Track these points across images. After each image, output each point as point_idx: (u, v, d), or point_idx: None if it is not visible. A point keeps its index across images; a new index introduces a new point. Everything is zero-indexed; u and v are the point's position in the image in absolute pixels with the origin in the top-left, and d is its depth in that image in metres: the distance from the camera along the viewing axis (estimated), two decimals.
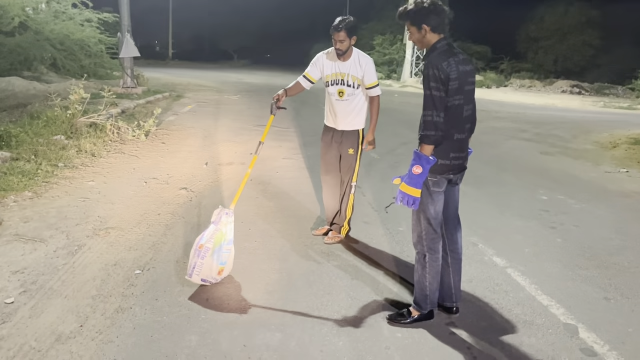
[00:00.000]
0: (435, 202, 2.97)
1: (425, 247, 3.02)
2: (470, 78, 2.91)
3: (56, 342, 2.70)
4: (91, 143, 7.30)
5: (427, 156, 2.79)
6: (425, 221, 2.99)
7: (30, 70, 14.83)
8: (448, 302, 3.20)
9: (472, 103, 2.99)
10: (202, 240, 3.28)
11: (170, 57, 50.52)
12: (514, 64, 38.09)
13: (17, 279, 3.34)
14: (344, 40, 3.93)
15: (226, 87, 20.65)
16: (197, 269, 3.25)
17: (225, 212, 3.42)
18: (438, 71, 2.74)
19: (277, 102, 4.02)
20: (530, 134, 11.81)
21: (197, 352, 2.69)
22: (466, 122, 2.95)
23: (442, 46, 2.87)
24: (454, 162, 2.93)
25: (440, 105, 2.76)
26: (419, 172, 2.79)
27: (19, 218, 4.44)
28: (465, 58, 2.89)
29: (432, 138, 2.78)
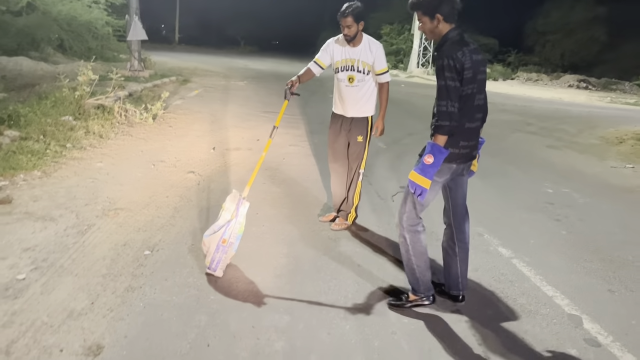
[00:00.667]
0: (428, 190, 2.91)
1: (405, 227, 3.02)
2: (482, 67, 2.90)
3: (68, 318, 2.74)
4: (99, 125, 7.32)
5: (440, 146, 2.79)
6: (411, 204, 2.99)
7: (38, 50, 14.81)
8: (454, 290, 3.23)
9: (484, 92, 3.00)
10: (225, 235, 3.28)
11: (177, 41, 50.36)
12: (521, 57, 37.93)
13: (28, 256, 3.39)
14: (351, 26, 3.93)
15: (233, 73, 20.62)
16: (222, 264, 3.30)
17: (242, 202, 3.41)
18: (453, 61, 2.74)
19: (290, 88, 4.01)
20: (536, 127, 11.80)
21: (207, 331, 2.73)
22: (477, 111, 2.95)
23: (455, 36, 2.86)
24: (462, 150, 2.94)
25: (455, 95, 2.76)
26: (431, 162, 2.79)
27: (28, 197, 4.48)
28: (476, 48, 2.89)
29: (446, 128, 2.77)
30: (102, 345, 2.53)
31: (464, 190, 3.19)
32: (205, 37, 54.74)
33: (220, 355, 2.55)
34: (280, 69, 25.60)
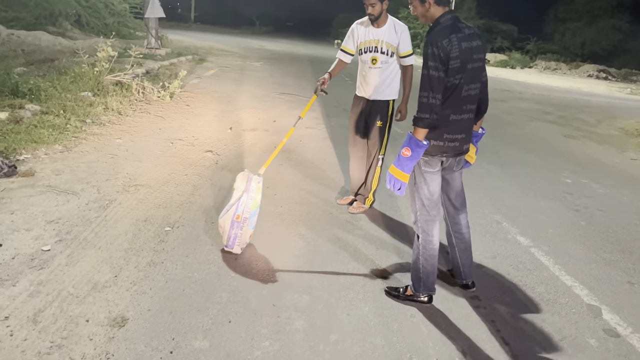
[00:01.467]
0: (428, 183, 2.87)
1: (419, 228, 2.94)
2: (476, 55, 2.72)
3: (93, 289, 2.79)
4: (117, 101, 7.35)
5: (419, 140, 2.68)
6: (419, 201, 2.91)
7: (55, 25, 14.87)
8: (458, 279, 3.23)
9: (478, 82, 2.80)
10: (238, 211, 3.29)
11: (193, 20, 50.19)
12: (540, 45, 37.31)
13: (52, 228, 3.44)
14: (375, 4, 3.87)
15: (248, 54, 20.55)
16: (238, 240, 3.32)
17: (253, 178, 3.42)
18: (438, 49, 2.59)
19: (321, 84, 4.02)
20: (554, 116, 11.66)
21: (228, 308, 2.77)
22: (466, 102, 2.77)
23: (446, 21, 2.71)
24: (448, 143, 2.79)
25: (437, 86, 2.62)
26: (408, 155, 2.69)
27: (50, 170, 4.53)
28: (472, 33, 2.72)
29: (425, 121, 2.65)
30: (126, 317, 2.57)
31: (457, 185, 3.09)
32: (221, 17, 54.48)
33: (242, 331, 2.58)
34: (296, 51, 25.45)
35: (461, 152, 2.90)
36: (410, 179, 2.90)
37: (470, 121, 2.88)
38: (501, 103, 13.16)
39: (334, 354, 2.49)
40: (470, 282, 3.20)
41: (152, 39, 14.69)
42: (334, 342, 2.58)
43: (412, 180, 2.91)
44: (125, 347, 2.36)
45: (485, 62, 2.89)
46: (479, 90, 2.84)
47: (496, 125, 9.70)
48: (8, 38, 10.53)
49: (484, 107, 2.98)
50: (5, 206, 3.69)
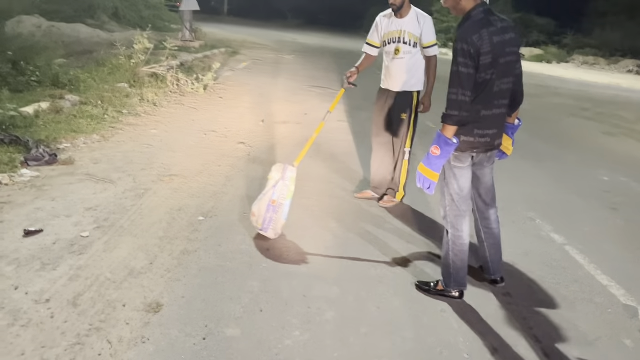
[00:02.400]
0: (457, 178, 2.84)
1: (448, 223, 2.92)
2: (509, 48, 2.66)
3: (129, 275, 2.86)
4: (152, 93, 7.49)
5: (448, 138, 2.63)
6: (449, 196, 2.88)
7: (93, 18, 15.20)
8: (486, 274, 3.19)
9: (511, 76, 2.74)
10: (274, 195, 3.37)
11: (225, 12, 50.56)
12: (578, 39, 36.28)
13: (90, 215, 3.54)
14: None
15: (280, 46, 20.60)
16: (273, 224, 3.37)
17: (289, 167, 3.48)
18: (467, 45, 2.53)
19: (348, 77, 4.03)
20: (592, 112, 11.36)
21: (259, 297, 2.81)
22: (498, 97, 2.72)
23: (477, 14, 2.64)
24: (478, 139, 2.74)
25: (467, 83, 2.56)
26: (437, 153, 2.65)
27: (88, 159, 4.66)
28: (504, 26, 2.65)
29: (454, 118, 2.60)
30: (161, 303, 2.64)
31: (488, 181, 3.04)
32: (253, 9, 54.67)
33: (273, 320, 2.62)
34: (328, 44, 25.39)
35: (492, 147, 2.85)
36: (440, 173, 2.88)
37: (502, 115, 2.83)
38: (536, 98, 12.88)
39: (363, 346, 2.50)
40: (499, 277, 3.16)
41: (186, 31, 14.88)
42: (364, 334, 2.60)
43: (441, 175, 2.88)
44: (160, 332, 2.42)
45: (520, 55, 2.82)
46: (513, 83, 2.78)
47: (531, 121, 9.50)
48: (48, 30, 10.83)
49: (520, 99, 2.92)
50: (46, 193, 3.82)
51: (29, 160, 4.26)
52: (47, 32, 10.44)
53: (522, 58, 2.93)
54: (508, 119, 2.98)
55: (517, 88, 2.85)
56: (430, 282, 3.08)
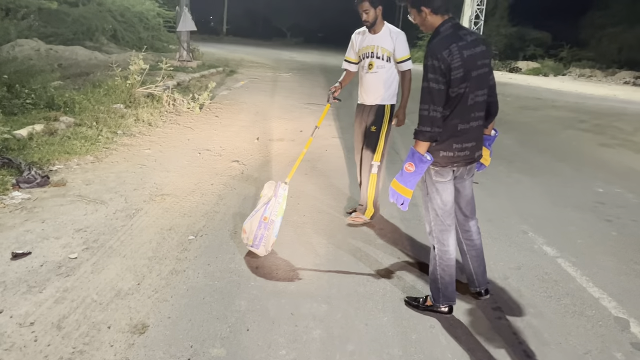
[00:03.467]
0: (440, 193, 2.82)
1: (434, 238, 2.90)
2: (481, 61, 2.66)
3: (116, 297, 2.85)
4: (148, 113, 7.54)
5: (421, 154, 2.63)
6: (433, 212, 2.87)
7: (92, 40, 15.37)
8: (472, 287, 3.16)
9: (485, 87, 2.74)
10: (265, 212, 3.37)
11: (225, 32, 51.11)
12: (574, 52, 36.50)
13: (80, 237, 3.54)
14: (369, 10, 3.89)
15: (278, 65, 20.77)
16: (264, 241, 3.36)
17: (281, 185, 3.49)
18: (438, 61, 2.53)
19: (333, 93, 4.11)
20: (589, 124, 11.38)
21: (246, 316, 2.79)
22: (474, 110, 2.71)
23: (446, 29, 2.65)
24: (458, 153, 2.73)
25: (438, 99, 2.57)
26: (411, 170, 2.64)
27: (81, 180, 4.67)
28: (474, 39, 2.66)
29: (427, 134, 2.60)
30: (147, 324, 2.62)
31: (468, 194, 3.02)
32: (252, 29, 55.30)
33: (259, 340, 2.60)
34: (326, 61, 25.60)
35: (473, 160, 2.85)
36: (423, 189, 2.89)
37: (480, 128, 2.83)
38: (533, 111, 12.93)
39: None
40: (483, 289, 3.13)
41: (184, 51, 15.02)
42: (351, 352, 2.57)
43: (424, 191, 2.89)
44: (144, 353, 2.40)
45: (491, 66, 2.82)
46: (487, 95, 2.79)
47: (528, 133, 9.53)
48: (47, 53, 10.95)
49: (494, 110, 2.92)
50: (37, 215, 3.82)
51: (20, 183, 4.27)
52: (45, 56, 10.55)
53: (519, 72, 2.94)
54: (484, 130, 2.99)
55: (491, 99, 2.86)
56: (420, 297, 3.06)
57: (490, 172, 5.96)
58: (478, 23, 31.01)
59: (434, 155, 2.73)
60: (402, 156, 6.68)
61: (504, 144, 7.89)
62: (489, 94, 2.82)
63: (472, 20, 30.35)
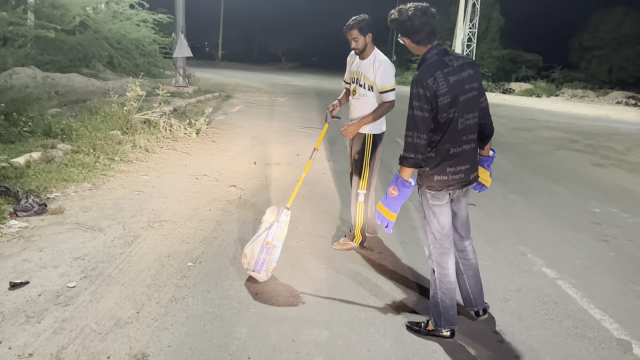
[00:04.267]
0: (437, 216, 2.85)
1: (434, 262, 2.91)
2: (469, 85, 2.70)
3: (115, 326, 2.83)
4: (145, 139, 7.56)
5: (405, 180, 2.67)
6: (431, 235, 2.88)
7: (89, 67, 15.47)
8: (469, 307, 3.16)
9: (476, 111, 2.78)
10: (268, 237, 3.37)
11: (220, 57, 51.59)
12: (565, 73, 37.07)
13: (78, 265, 3.52)
14: (358, 39, 3.89)
15: (274, 89, 20.93)
16: (266, 265, 3.36)
17: (283, 210, 3.50)
18: (423, 89, 2.57)
19: (331, 111, 4.09)
20: (582, 144, 11.49)
21: (247, 344, 2.77)
22: (465, 133, 2.74)
23: (432, 56, 2.70)
24: (452, 177, 2.76)
25: (422, 126, 2.60)
26: (395, 194, 2.68)
27: (79, 207, 4.66)
28: (461, 64, 2.71)
29: (410, 161, 2.64)
30: (147, 353, 2.60)
31: (464, 215, 3.04)
32: (248, 54, 55.95)
33: None
34: (321, 85, 25.83)
35: (468, 182, 2.87)
36: (420, 213, 2.91)
37: (473, 151, 2.86)
38: (527, 132, 13.05)
39: None
40: (481, 309, 3.13)
41: (180, 77, 15.13)
42: None
43: (421, 215, 2.91)
44: None
45: (482, 88, 2.84)
46: (480, 117, 2.83)
47: (521, 154, 9.60)
48: (43, 80, 11.00)
49: (489, 132, 2.96)
50: (34, 244, 3.80)
51: (18, 211, 4.26)
52: (42, 83, 10.61)
53: (512, 93, 2.98)
54: (481, 151, 3.03)
55: (485, 121, 2.90)
56: (421, 322, 3.05)
57: (486, 193, 5.98)
58: (470, 46, 31.50)
59: (429, 180, 2.77)
60: None
61: (498, 165, 7.95)
62: (482, 116, 2.86)
63: (464, 43, 30.83)
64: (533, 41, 38.86)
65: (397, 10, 2.78)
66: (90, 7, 16.61)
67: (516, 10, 38.21)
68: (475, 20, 31.59)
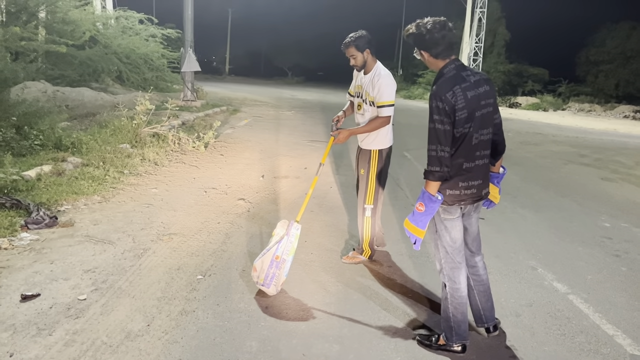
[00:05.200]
0: (449, 230, 2.84)
1: (445, 276, 2.90)
2: (485, 101, 2.71)
3: (126, 339, 2.83)
4: (154, 152, 7.61)
5: (431, 194, 2.67)
6: (442, 250, 2.88)
7: (98, 81, 15.63)
8: (479, 324, 3.13)
9: (490, 126, 2.79)
10: (277, 251, 3.37)
11: (227, 72, 52.00)
12: (572, 88, 37.08)
13: (89, 277, 3.53)
14: (356, 56, 3.90)
15: (281, 103, 21.05)
16: (275, 280, 3.36)
17: (294, 224, 3.50)
18: (442, 103, 2.58)
19: (337, 123, 4.07)
20: (590, 159, 11.44)
21: (258, 358, 2.76)
22: (479, 148, 2.75)
23: (449, 71, 2.71)
24: (464, 191, 2.76)
25: (445, 139, 2.61)
26: (422, 210, 2.68)
27: (89, 220, 4.68)
28: (478, 80, 2.72)
29: (436, 174, 2.64)
30: None
31: (474, 230, 3.03)
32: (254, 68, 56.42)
33: None
34: (327, 99, 25.94)
35: (480, 198, 2.86)
36: (431, 227, 2.89)
37: (486, 166, 2.86)
38: (534, 147, 13.03)
39: None
40: (491, 325, 3.11)
41: (188, 91, 15.25)
42: None
43: (433, 229, 2.90)
44: None
45: (496, 105, 2.86)
46: (493, 134, 2.83)
47: (530, 169, 9.58)
48: (54, 95, 11.11)
49: (501, 148, 2.97)
50: (45, 256, 3.82)
51: (29, 224, 4.29)
52: (52, 97, 10.71)
53: (518, 107, 2.98)
54: (492, 168, 3.02)
55: (498, 138, 2.91)
56: (432, 336, 3.03)
57: (496, 208, 5.93)
58: (477, 60, 31.60)
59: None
60: (406, 192, 6.71)
61: (507, 180, 7.91)
62: (495, 132, 2.87)
63: (470, 57, 30.94)
64: (539, 55, 39.05)
65: (414, 25, 2.80)
66: (100, 22, 16.82)
67: (522, 25, 38.48)
68: (481, 34, 31.76)
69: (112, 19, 17.92)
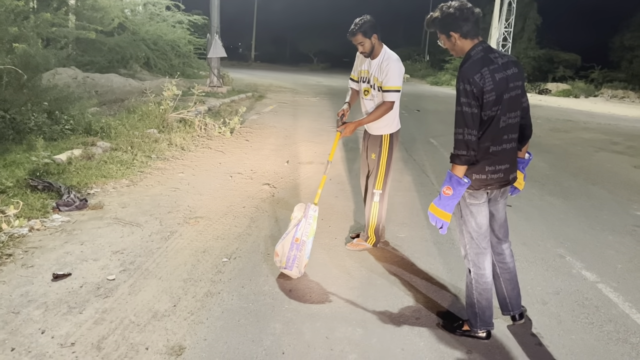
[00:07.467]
0: (475, 215, 2.80)
1: (470, 261, 2.87)
2: (513, 83, 2.66)
3: (153, 318, 2.89)
4: (181, 137, 7.70)
5: (459, 177, 2.62)
6: (467, 235, 2.84)
7: (126, 68, 15.84)
8: (505, 311, 3.08)
9: (518, 109, 2.74)
10: (297, 234, 3.40)
11: (253, 58, 52.07)
12: (605, 74, 35.99)
13: (117, 259, 3.61)
14: (363, 42, 3.81)
15: (306, 90, 21.02)
16: (297, 262, 3.39)
17: (311, 206, 3.52)
18: (470, 85, 2.53)
19: (342, 117, 3.97)
20: (623, 146, 11.14)
21: (282, 339, 2.79)
22: (506, 132, 2.69)
23: (477, 53, 2.65)
24: (491, 175, 2.71)
25: (472, 122, 2.56)
26: (449, 194, 2.63)
27: (117, 203, 4.77)
28: (506, 62, 2.66)
29: (463, 158, 2.60)
30: (183, 346, 2.64)
31: (502, 217, 2.97)
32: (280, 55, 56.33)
33: None
34: None
35: (507, 182, 2.81)
36: (457, 212, 2.86)
37: (514, 150, 2.80)
38: (564, 134, 12.74)
39: None
40: (517, 314, 3.06)
41: (214, 77, 15.34)
42: None
43: (458, 214, 2.87)
44: None
45: (524, 87, 2.80)
46: (520, 117, 2.77)
47: (559, 156, 9.38)
48: (84, 80, 11.32)
49: (529, 132, 2.90)
50: (76, 237, 3.92)
51: (60, 206, 4.40)
52: (82, 83, 10.92)
53: (548, 93, 2.91)
54: (518, 153, 2.95)
55: (525, 122, 2.84)
56: (457, 322, 3.01)
57: (523, 195, 5.88)
58: (506, 45, 30.93)
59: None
60: (432, 178, 6.64)
61: (535, 167, 7.78)
62: (522, 116, 2.81)
63: (499, 42, 30.28)
64: (572, 40, 37.91)
65: (438, 10, 2.75)
66: (129, 9, 17.02)
67: (554, 9, 37.41)
68: (511, 19, 31.01)
69: (140, 5, 18.09)
